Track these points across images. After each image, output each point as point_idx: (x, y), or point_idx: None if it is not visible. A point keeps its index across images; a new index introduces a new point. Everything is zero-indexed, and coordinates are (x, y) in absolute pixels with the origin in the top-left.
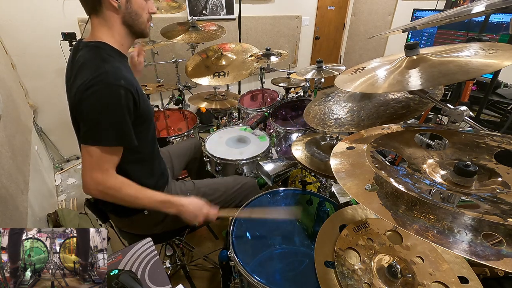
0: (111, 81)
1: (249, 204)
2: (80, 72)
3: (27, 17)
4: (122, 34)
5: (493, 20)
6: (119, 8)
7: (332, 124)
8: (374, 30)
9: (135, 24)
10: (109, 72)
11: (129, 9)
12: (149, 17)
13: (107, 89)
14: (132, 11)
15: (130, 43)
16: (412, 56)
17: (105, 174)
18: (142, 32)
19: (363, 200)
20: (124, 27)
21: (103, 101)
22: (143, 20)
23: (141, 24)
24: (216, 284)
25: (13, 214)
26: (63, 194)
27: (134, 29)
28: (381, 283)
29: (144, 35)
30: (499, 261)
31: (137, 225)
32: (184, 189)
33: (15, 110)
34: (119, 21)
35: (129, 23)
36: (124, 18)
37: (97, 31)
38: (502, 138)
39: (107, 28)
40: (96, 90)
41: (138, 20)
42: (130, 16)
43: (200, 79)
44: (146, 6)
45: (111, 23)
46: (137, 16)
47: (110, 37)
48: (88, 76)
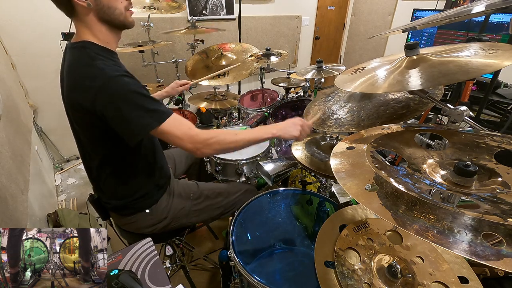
0: (111, 74)
1: (249, 205)
2: (71, 74)
3: (27, 17)
4: (104, 32)
5: (493, 20)
6: (89, 7)
7: (332, 124)
8: (374, 30)
9: (112, 19)
10: (104, 69)
11: (99, 5)
12: (128, 4)
13: (113, 82)
14: (103, 5)
15: (115, 38)
16: (412, 56)
17: (193, 132)
18: (124, 23)
19: (363, 200)
20: (102, 23)
21: (122, 93)
22: (119, 12)
23: (119, 16)
24: (216, 284)
25: (13, 214)
26: (63, 194)
27: (113, 23)
28: (381, 283)
29: (126, 25)
30: (499, 261)
31: (138, 224)
32: (187, 190)
33: (15, 110)
34: (95, 19)
35: (105, 19)
36: (99, 15)
37: (80, 31)
38: (502, 138)
39: (88, 28)
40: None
41: (113, 13)
42: (104, 11)
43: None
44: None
45: (89, 22)
46: (111, 9)
47: (93, 36)
48: (85, 79)
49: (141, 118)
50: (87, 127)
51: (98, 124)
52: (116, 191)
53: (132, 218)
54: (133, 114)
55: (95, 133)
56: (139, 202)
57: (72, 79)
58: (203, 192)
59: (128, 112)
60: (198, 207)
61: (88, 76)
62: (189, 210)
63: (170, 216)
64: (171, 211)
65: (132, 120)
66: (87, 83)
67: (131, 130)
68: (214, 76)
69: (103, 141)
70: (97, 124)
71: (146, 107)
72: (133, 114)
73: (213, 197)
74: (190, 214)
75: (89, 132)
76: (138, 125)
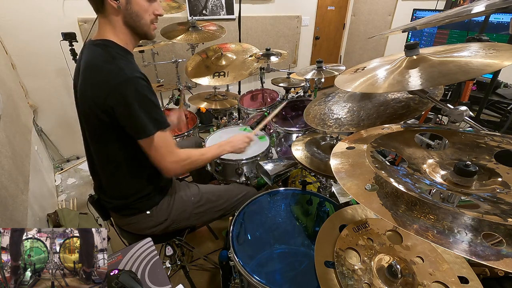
0: (128, 74)
1: (249, 205)
2: (90, 70)
3: (27, 17)
4: (126, 34)
5: (493, 20)
6: (119, 9)
7: (332, 124)
8: (374, 30)
9: (136, 26)
10: (124, 68)
11: (129, 10)
12: (154, 19)
13: (129, 82)
14: (132, 12)
15: (134, 43)
16: (412, 56)
17: (174, 152)
18: (145, 34)
19: (363, 200)
20: (127, 27)
21: (133, 95)
22: (145, 22)
23: (143, 26)
24: (216, 284)
25: (13, 214)
26: (63, 194)
27: (136, 31)
28: (381, 283)
29: (148, 37)
30: (499, 261)
31: (138, 225)
32: (188, 193)
33: (15, 110)
34: (121, 22)
35: (130, 24)
36: (125, 19)
37: (103, 29)
38: (502, 138)
39: (112, 27)
40: (122, 88)
41: (139, 21)
42: (131, 17)
43: (200, 79)
44: (150, 8)
45: (114, 23)
46: (138, 18)
47: (115, 36)
48: (104, 75)
49: (145, 120)
50: (95, 123)
51: (106, 120)
52: (118, 190)
53: (132, 219)
54: (141, 115)
55: (102, 131)
56: (140, 203)
57: (88, 74)
58: (204, 194)
59: (137, 111)
60: (199, 210)
61: (106, 73)
62: (190, 213)
63: (170, 218)
64: (172, 213)
65: (138, 119)
66: (104, 79)
67: (136, 127)
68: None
69: (109, 140)
70: (105, 120)
71: (152, 115)
72: (141, 115)
73: (214, 200)
74: (191, 217)
75: (97, 129)
76: (141, 126)
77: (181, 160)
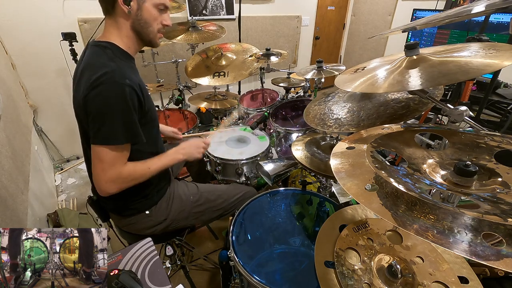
0: (116, 79)
1: (249, 205)
2: (86, 70)
3: (27, 17)
4: (131, 38)
5: (493, 20)
6: (129, 14)
7: (332, 124)
8: (374, 30)
9: (143, 32)
10: (115, 71)
11: (139, 16)
12: (161, 28)
13: (112, 87)
14: (142, 19)
15: (137, 48)
16: (412, 56)
17: (118, 169)
18: (151, 41)
19: (363, 200)
20: (133, 32)
21: (109, 100)
22: (152, 30)
23: (149, 33)
24: (216, 284)
25: (13, 214)
26: (63, 194)
27: (142, 37)
28: (381, 283)
29: (152, 44)
30: (499, 261)
31: (138, 225)
32: (187, 192)
33: (15, 110)
34: (128, 26)
35: (137, 30)
36: (133, 24)
37: (108, 31)
38: (502, 138)
39: (117, 30)
40: (102, 89)
41: (147, 28)
42: (140, 24)
43: (200, 79)
44: (160, 18)
45: (121, 26)
46: (147, 25)
47: (119, 38)
48: (94, 74)
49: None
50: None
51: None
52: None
53: (131, 219)
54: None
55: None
56: (139, 203)
57: (84, 74)
58: (203, 194)
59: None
60: (198, 209)
61: (96, 73)
62: (189, 212)
63: (169, 218)
64: (171, 213)
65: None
66: (91, 79)
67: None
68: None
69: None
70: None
71: (105, 127)
72: (96, 121)
73: (213, 199)
74: (190, 216)
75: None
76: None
77: (118, 180)
